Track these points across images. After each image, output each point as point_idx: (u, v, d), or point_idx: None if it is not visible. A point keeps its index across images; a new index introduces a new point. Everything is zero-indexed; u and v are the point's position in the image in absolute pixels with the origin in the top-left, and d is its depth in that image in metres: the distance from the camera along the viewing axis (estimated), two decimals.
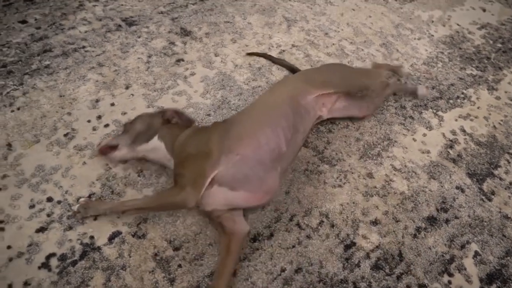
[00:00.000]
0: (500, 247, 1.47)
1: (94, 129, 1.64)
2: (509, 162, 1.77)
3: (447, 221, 1.52)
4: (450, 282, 1.35)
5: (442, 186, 1.62)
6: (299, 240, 1.39)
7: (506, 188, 1.67)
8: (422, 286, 1.33)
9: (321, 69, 1.81)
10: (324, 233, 1.42)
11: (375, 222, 1.48)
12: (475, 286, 1.36)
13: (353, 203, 1.52)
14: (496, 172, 1.73)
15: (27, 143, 1.55)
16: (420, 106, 1.95)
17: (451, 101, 2.03)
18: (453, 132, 1.86)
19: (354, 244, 1.41)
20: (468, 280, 1.37)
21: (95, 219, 1.36)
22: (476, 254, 1.44)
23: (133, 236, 1.34)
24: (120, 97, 1.78)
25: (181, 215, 1.41)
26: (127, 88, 1.82)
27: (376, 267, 1.36)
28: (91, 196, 1.42)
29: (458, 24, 2.63)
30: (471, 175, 1.69)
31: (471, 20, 2.70)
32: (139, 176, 1.50)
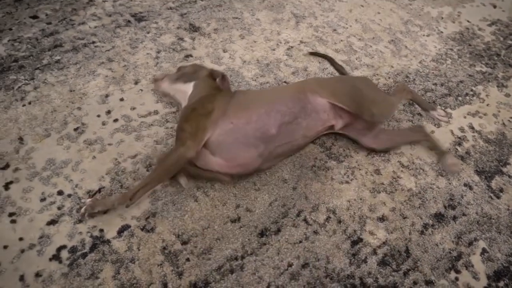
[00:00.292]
0: (508, 245, 1.47)
1: (103, 123, 1.66)
2: None
3: (454, 218, 1.52)
4: (457, 279, 1.35)
5: (450, 183, 1.62)
6: (306, 235, 1.40)
7: None
8: (429, 283, 1.33)
9: (341, 80, 1.77)
10: (331, 229, 1.43)
11: (382, 219, 1.48)
12: (482, 283, 1.36)
13: (360, 199, 1.53)
14: (504, 170, 1.72)
15: (38, 137, 1.57)
16: (429, 103, 1.94)
17: (460, 98, 2.02)
18: (461, 129, 1.85)
19: (361, 240, 1.41)
20: (475, 277, 1.37)
21: (104, 212, 1.38)
22: (483, 251, 1.44)
23: (142, 229, 1.35)
24: (129, 92, 1.80)
25: (189, 210, 1.42)
26: (136, 83, 1.84)
27: (383, 263, 1.36)
28: (101, 190, 1.44)
29: (468, 21, 2.61)
30: (479, 173, 1.68)
31: (481, 16, 2.68)
32: (147, 170, 1.52)
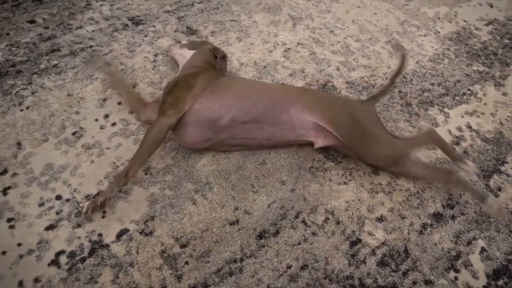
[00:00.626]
0: (507, 243, 1.47)
1: (101, 127, 1.66)
2: None
3: (453, 217, 1.52)
4: (456, 278, 1.35)
5: None
6: (305, 237, 1.40)
7: None
8: (428, 283, 1.33)
9: (344, 105, 1.60)
10: (329, 230, 1.43)
11: (380, 219, 1.48)
12: (481, 282, 1.36)
13: (358, 200, 1.53)
14: (503, 168, 1.72)
15: (36, 142, 1.57)
16: (426, 103, 1.95)
17: (457, 97, 2.02)
18: (459, 129, 1.85)
19: (359, 240, 1.41)
20: (474, 276, 1.37)
21: (103, 216, 1.38)
22: (482, 250, 1.44)
23: (140, 233, 1.35)
24: None
25: (187, 213, 1.42)
26: (134, 87, 1.84)
27: (382, 263, 1.36)
28: (99, 194, 1.44)
29: (465, 20, 2.62)
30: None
31: (478, 16, 2.69)
32: (146, 174, 1.52)
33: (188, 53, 1.78)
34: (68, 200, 1.42)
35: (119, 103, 1.76)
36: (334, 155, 1.65)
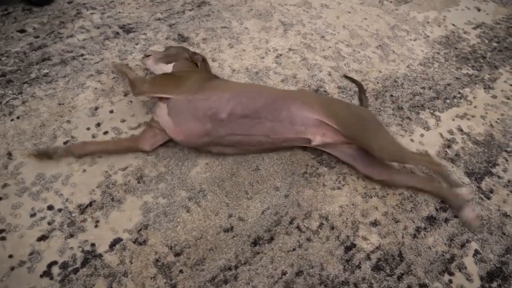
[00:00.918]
0: (500, 245, 1.48)
1: (93, 136, 1.65)
2: (507, 160, 1.78)
3: (446, 220, 1.52)
4: (451, 281, 1.36)
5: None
6: (299, 243, 1.40)
7: (504, 186, 1.67)
8: (423, 286, 1.33)
9: (347, 105, 1.67)
10: (324, 235, 1.43)
11: (374, 223, 1.48)
12: (476, 285, 1.36)
13: (352, 204, 1.53)
14: (494, 171, 1.73)
15: (27, 152, 1.56)
16: (417, 106, 1.96)
17: (448, 101, 2.04)
18: (450, 132, 1.87)
19: (354, 245, 1.41)
20: (468, 278, 1.37)
21: (96, 226, 1.37)
22: (476, 252, 1.45)
23: (134, 242, 1.34)
24: (119, 104, 1.79)
25: (181, 221, 1.41)
26: (125, 95, 1.83)
27: (376, 268, 1.37)
28: (92, 204, 1.43)
29: (454, 24, 2.65)
30: (469, 174, 1.70)
31: (466, 20, 2.72)
32: (139, 182, 1.51)
33: (167, 67, 1.73)
34: (60, 210, 1.41)
35: (111, 112, 1.75)
36: (327, 160, 1.66)
